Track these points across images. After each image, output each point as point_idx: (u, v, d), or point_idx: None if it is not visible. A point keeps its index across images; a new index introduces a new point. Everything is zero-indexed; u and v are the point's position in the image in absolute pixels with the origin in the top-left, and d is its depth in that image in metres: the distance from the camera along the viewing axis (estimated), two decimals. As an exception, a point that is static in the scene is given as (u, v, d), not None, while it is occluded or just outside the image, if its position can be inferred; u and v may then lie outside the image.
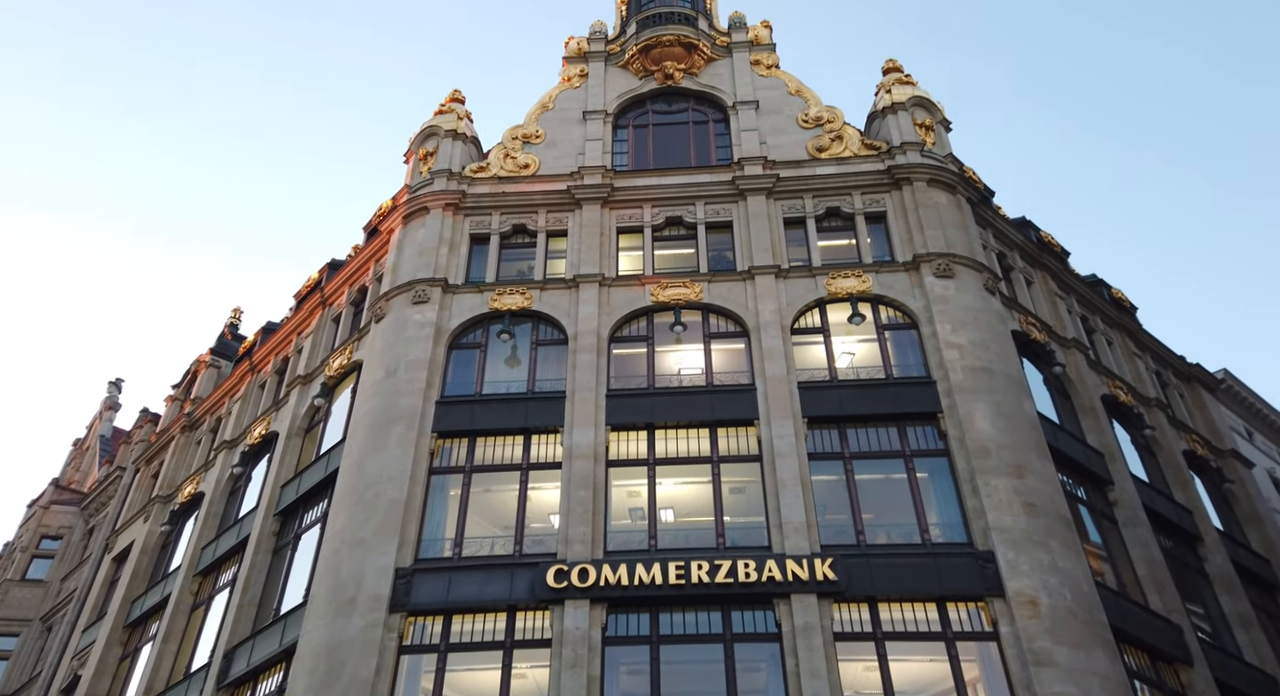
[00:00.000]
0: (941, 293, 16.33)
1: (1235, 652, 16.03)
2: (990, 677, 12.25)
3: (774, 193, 18.38)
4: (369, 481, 14.51)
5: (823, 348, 16.38)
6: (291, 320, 22.14)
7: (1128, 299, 24.46)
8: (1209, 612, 16.67)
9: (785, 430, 14.68)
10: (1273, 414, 26.76)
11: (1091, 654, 12.06)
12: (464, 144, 20.26)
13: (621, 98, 20.92)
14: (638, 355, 16.63)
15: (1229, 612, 16.80)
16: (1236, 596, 17.09)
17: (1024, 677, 11.77)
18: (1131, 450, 18.60)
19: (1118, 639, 13.17)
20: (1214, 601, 16.96)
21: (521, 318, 17.08)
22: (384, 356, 16.45)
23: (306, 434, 18.44)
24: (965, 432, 14.40)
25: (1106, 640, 12.53)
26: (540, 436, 15.23)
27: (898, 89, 19.98)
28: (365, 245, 20.94)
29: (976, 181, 20.66)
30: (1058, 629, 12.13)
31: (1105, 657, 12.18)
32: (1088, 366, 18.72)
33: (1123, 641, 13.37)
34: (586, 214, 18.48)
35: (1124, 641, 13.43)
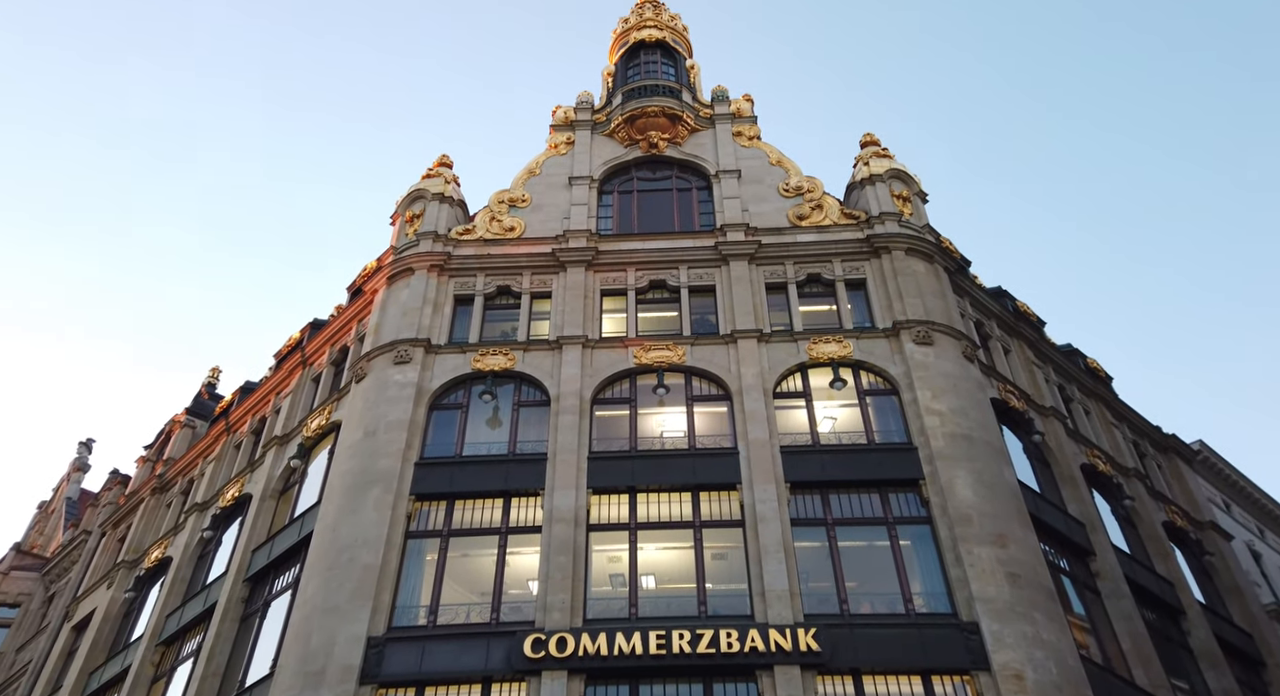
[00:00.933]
0: (921, 359, 16.52)
1: (1223, 731, 15.74)
2: (978, 755, 11.91)
3: (756, 258, 18.70)
4: (343, 545, 14.15)
5: (805, 412, 16.42)
6: (270, 380, 21.92)
7: (1103, 368, 24.85)
8: (1194, 688, 16.43)
9: (768, 495, 14.57)
10: (1249, 486, 26.99)
11: (1080, 731, 11.79)
12: (451, 207, 20.54)
13: (607, 164, 21.40)
14: (620, 417, 16.57)
15: (1214, 688, 16.56)
16: (1221, 671, 16.87)
17: (1012, 755, 11.47)
18: (1111, 520, 18.60)
19: (1105, 715, 12.91)
20: (1199, 676, 16.73)
21: (504, 378, 17.02)
22: (364, 417, 16.27)
23: (281, 496, 18.04)
24: (947, 500, 14.36)
25: (1094, 716, 12.28)
26: (520, 499, 14.99)
27: (875, 161, 20.63)
28: (348, 305, 20.95)
29: (953, 251, 21.16)
30: (1045, 704, 11.88)
31: (1094, 735, 11.91)
32: (1066, 435, 18.87)
33: (1111, 718, 13.10)
34: (571, 276, 18.66)
35: (1112, 718, 13.16)
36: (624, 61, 24.43)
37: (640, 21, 25.32)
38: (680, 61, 24.39)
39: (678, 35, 25.28)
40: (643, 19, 25.39)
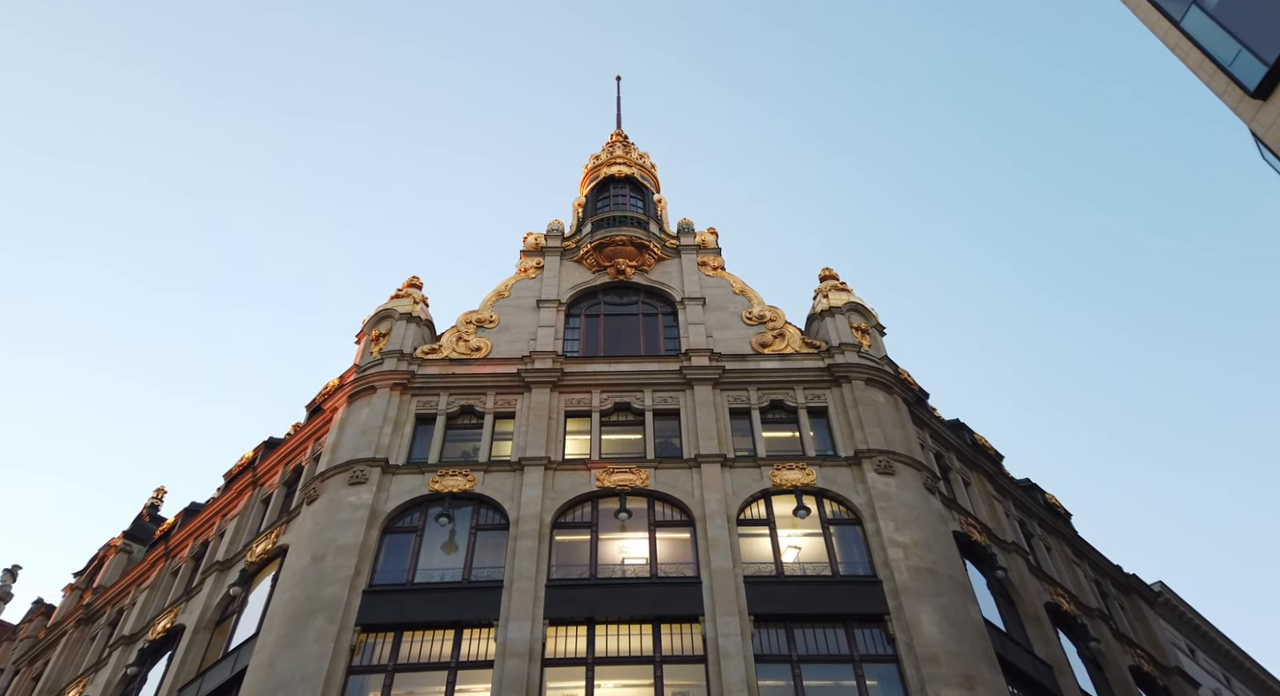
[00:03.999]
0: (883, 489, 16.51)
1: None
2: None
3: (720, 383, 18.92)
4: (279, 683, 13.12)
5: (768, 540, 16.13)
6: (218, 501, 20.99)
7: (1061, 505, 25.02)
8: None
9: (731, 628, 14.03)
10: (1213, 631, 26.74)
11: None
12: (418, 327, 20.65)
13: (575, 289, 21.89)
14: (581, 542, 16.07)
15: None
16: None
17: None
18: (1079, 663, 18.15)
19: None
20: None
21: (463, 501, 16.54)
22: (312, 541, 15.53)
23: (217, 628, 16.81)
24: (913, 637, 13.96)
25: None
26: (473, 631, 14.19)
27: (834, 294, 21.43)
28: (306, 424, 20.48)
29: (911, 383, 21.66)
30: None
31: None
32: (1029, 572, 18.70)
33: None
34: (535, 397, 18.61)
35: None
36: (594, 193, 25.56)
37: (611, 158, 26.74)
38: (648, 195, 25.59)
39: (646, 172, 26.67)
40: (613, 156, 26.83)
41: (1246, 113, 13.23)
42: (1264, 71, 12.11)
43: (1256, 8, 12.25)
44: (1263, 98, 12.62)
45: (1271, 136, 13.17)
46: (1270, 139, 13.23)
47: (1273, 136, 13.11)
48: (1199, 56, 13.53)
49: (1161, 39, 14.34)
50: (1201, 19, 13.06)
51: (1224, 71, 13.05)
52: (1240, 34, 12.33)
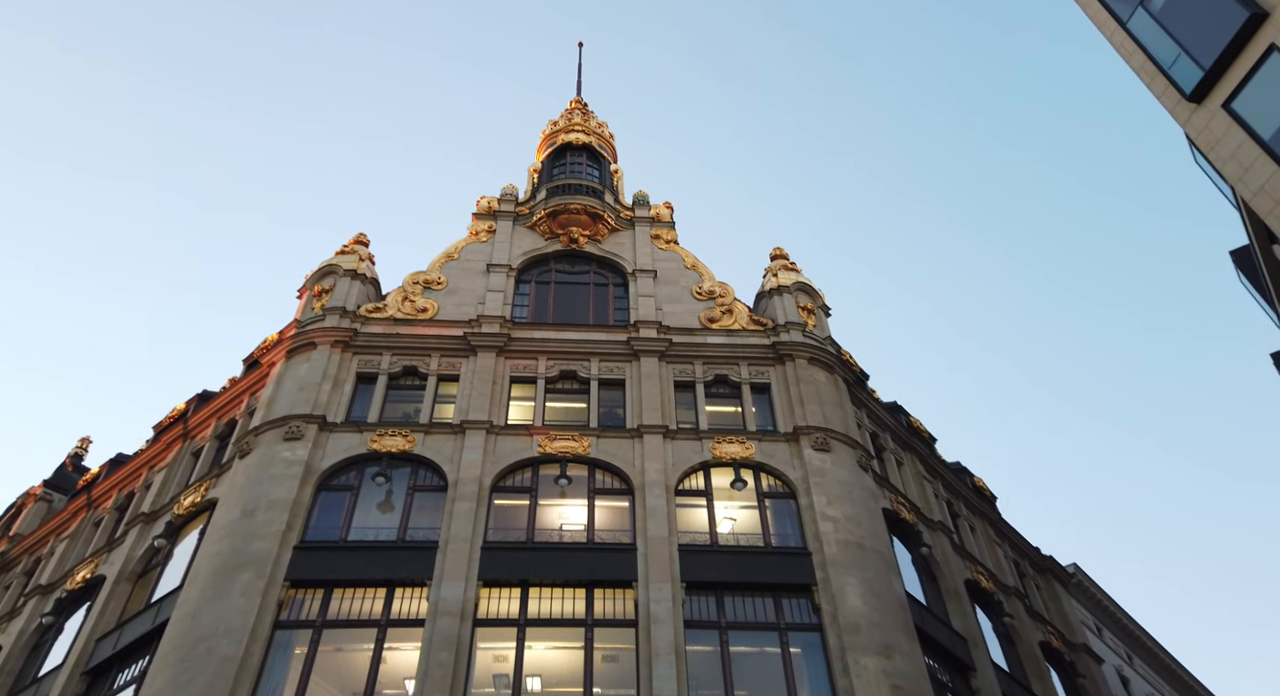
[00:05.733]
0: (819, 465, 16.93)
1: None
2: None
3: (666, 356, 19.07)
4: (202, 634, 12.93)
5: (705, 511, 16.41)
6: (146, 452, 20.45)
7: (989, 488, 25.98)
8: (1068, 812, 16.52)
9: (663, 594, 14.30)
10: (1119, 612, 28.18)
11: None
12: (363, 284, 20.29)
13: (527, 255, 21.73)
14: (519, 507, 16.14)
15: (1087, 813, 16.69)
16: (1092, 796, 17.08)
17: None
18: (992, 637, 18.98)
19: None
20: (1072, 801, 16.86)
21: (401, 461, 16.42)
22: (243, 495, 15.27)
23: (139, 579, 16.46)
24: (838, 608, 14.43)
25: None
26: (405, 590, 14.18)
27: (783, 274, 21.71)
28: (242, 378, 20.03)
29: (853, 364, 22.14)
30: None
31: None
32: (953, 550, 19.43)
33: None
34: (481, 361, 18.50)
35: None
36: (550, 160, 25.30)
37: (569, 125, 26.45)
38: (605, 165, 25.44)
39: (604, 141, 26.47)
40: (571, 123, 26.55)
41: (1182, 115, 13.72)
42: (1200, 76, 12.54)
43: (1197, 12, 12.66)
44: (1197, 101, 13.10)
45: (1204, 140, 13.71)
46: (1202, 142, 13.77)
47: (1205, 140, 13.65)
48: (1142, 58, 13.95)
49: (1109, 38, 14.73)
50: (1146, 21, 13.44)
51: (1164, 73, 13.48)
52: (1180, 37, 12.73)
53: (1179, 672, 29.72)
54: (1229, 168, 13.29)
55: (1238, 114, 12.72)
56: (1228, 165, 13.30)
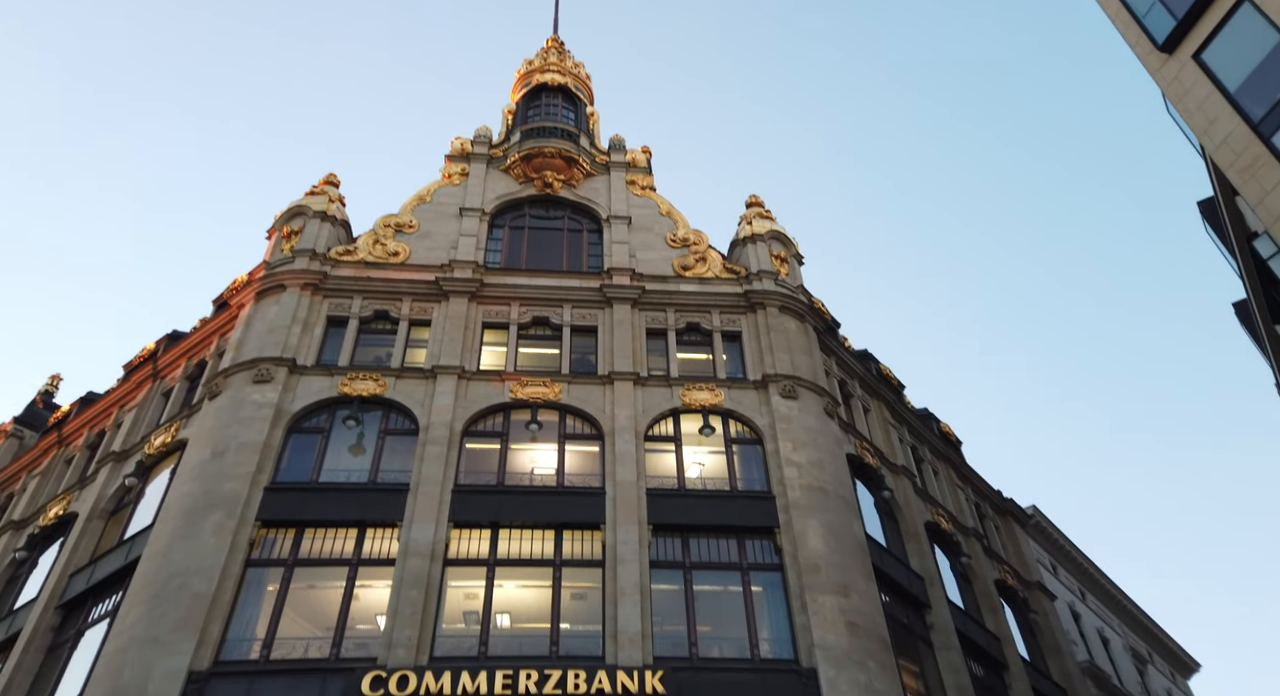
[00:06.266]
0: (786, 412, 17.26)
1: (1033, 779, 16.79)
2: (806, 799, 12.23)
3: (639, 304, 19.16)
4: (174, 572, 13.22)
5: (673, 456, 16.77)
6: (116, 391, 20.46)
7: (954, 433, 26.63)
8: (1012, 738, 17.50)
9: (630, 536, 14.71)
10: (1075, 551, 29.36)
11: (901, 775, 12.33)
12: (333, 226, 20.05)
13: (500, 199, 21.51)
14: (490, 451, 16.40)
15: (1029, 739, 17.70)
16: (1036, 724, 18.07)
17: (837, 799, 11.84)
18: (950, 576, 19.77)
19: (927, 763, 13.57)
20: (1016, 728, 17.85)
21: (372, 405, 16.56)
22: (213, 436, 15.39)
23: (112, 517, 16.69)
24: (798, 549, 14.93)
25: (915, 763, 12.89)
26: (376, 531, 14.49)
27: (758, 222, 21.69)
28: (212, 318, 19.94)
29: (824, 312, 22.36)
30: (871, 749, 12.38)
31: (914, 780, 12.49)
32: (914, 493, 20.03)
33: (930, 764, 13.78)
34: (453, 306, 18.50)
35: (931, 764, 13.84)
36: (525, 101, 24.81)
37: (544, 65, 25.86)
38: (581, 107, 24.99)
39: (580, 82, 25.94)
40: (547, 63, 25.94)
41: (1154, 65, 13.72)
42: (1172, 25, 12.51)
43: (1173, -39, 12.55)
44: (1169, 52, 13.09)
45: (1174, 91, 13.74)
46: (1172, 94, 13.80)
47: (1174, 91, 13.68)
48: (1117, 5, 13.85)
49: (1084, -17, 14.55)
50: (1124, -34, 13.32)
51: (1138, 22, 13.42)
52: (1155, -14, 12.66)
53: (1129, 607, 31.14)
54: (1195, 119, 13.39)
55: (1206, 65, 12.76)
56: (1195, 117, 13.40)
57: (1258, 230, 14.55)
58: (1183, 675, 33.80)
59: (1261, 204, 12.42)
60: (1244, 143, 12.35)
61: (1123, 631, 30.02)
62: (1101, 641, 27.43)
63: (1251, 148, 12.27)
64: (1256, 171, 12.30)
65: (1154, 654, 31.75)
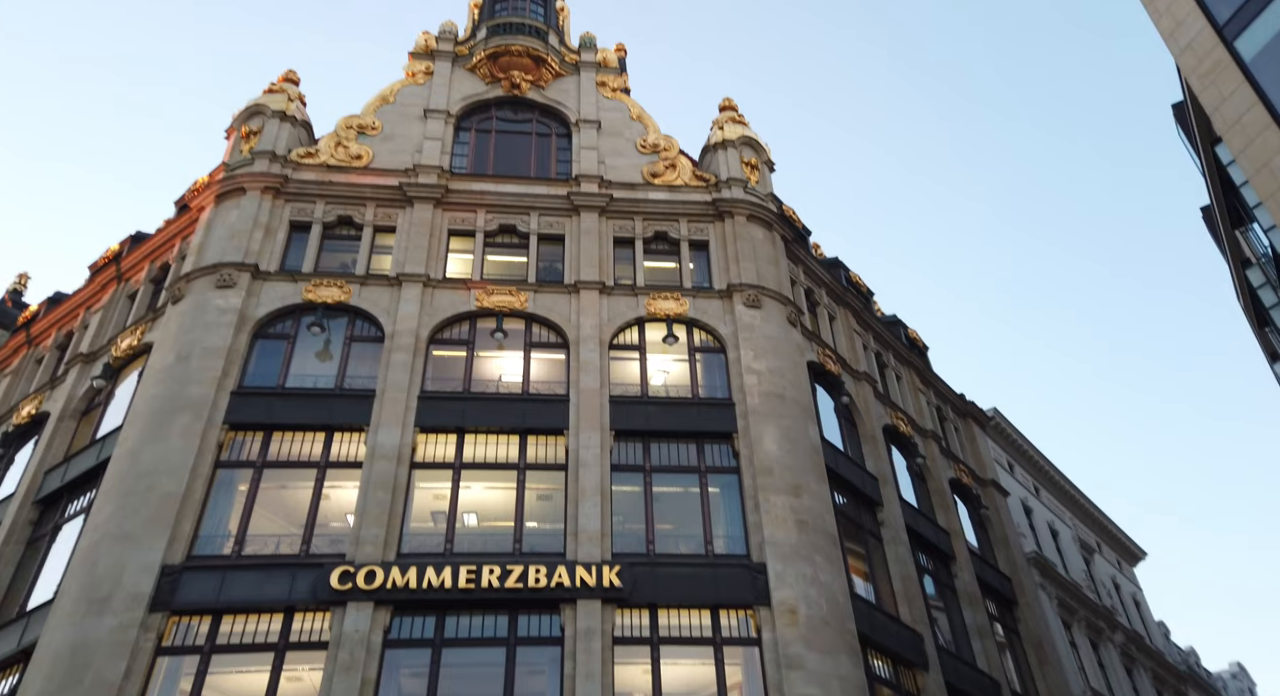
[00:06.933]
0: (749, 321, 17.56)
1: (969, 660, 18.20)
2: (750, 680, 13.32)
3: (607, 212, 19.05)
4: (143, 472, 13.70)
5: (638, 364, 17.14)
6: (82, 292, 20.44)
7: (922, 339, 27.17)
8: (953, 623, 18.84)
9: (592, 441, 15.25)
10: (1032, 450, 30.58)
11: (837, 659, 13.39)
12: (293, 127, 19.54)
13: (466, 101, 20.92)
14: (456, 358, 16.70)
15: (969, 624, 19.06)
16: (977, 610, 19.41)
17: (777, 680, 12.91)
18: (906, 476, 20.71)
19: (865, 645, 14.70)
20: (958, 613, 19.18)
21: (337, 312, 16.69)
22: (177, 340, 15.56)
23: (83, 417, 17.07)
24: (754, 453, 15.56)
25: (853, 647, 13.95)
26: (343, 434, 14.95)
27: (730, 127, 21.28)
28: (175, 220, 19.70)
29: (795, 220, 22.31)
30: (811, 636, 13.39)
31: (849, 662, 13.57)
32: (875, 398, 20.66)
33: (869, 647, 14.92)
34: (418, 212, 18.35)
35: (871, 647, 14.99)
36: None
37: (513, -47, 24.50)
38: (550, 2, 23.93)
39: (550, -28, 24.69)
40: (515, -49, 24.58)
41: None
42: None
43: None
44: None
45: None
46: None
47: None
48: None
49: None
50: None
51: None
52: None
53: (1080, 501, 32.74)
54: (1164, 22, 13.16)
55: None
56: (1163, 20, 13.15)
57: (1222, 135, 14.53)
58: (1129, 562, 35.92)
59: (1218, 111, 12.37)
60: (1207, 47, 12.19)
61: (1073, 524, 31.67)
62: (1051, 533, 28.99)
63: (1214, 53, 12.12)
64: (1216, 77, 12.20)
65: (1102, 544, 33.61)
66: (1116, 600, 31.17)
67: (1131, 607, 32.39)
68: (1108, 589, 30.87)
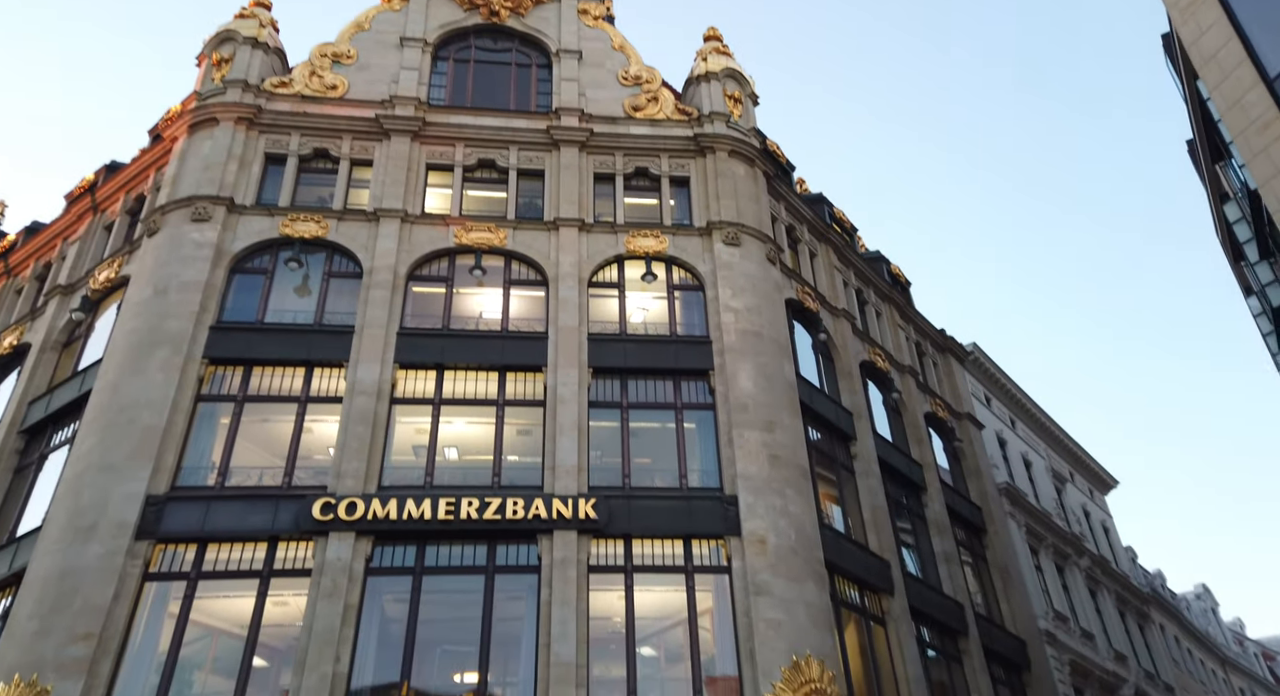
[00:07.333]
0: (727, 259, 17.61)
1: (935, 585, 19.02)
2: (720, 605, 13.97)
3: (587, 146, 18.81)
4: (124, 405, 13.92)
5: (616, 302, 17.27)
6: (59, 222, 20.31)
7: (904, 275, 27.29)
8: (921, 551, 19.61)
9: (570, 378, 15.51)
10: (1010, 383, 31.12)
11: (804, 586, 14.03)
12: (265, 54, 19.03)
13: (444, 28, 20.34)
14: (435, 295, 16.78)
15: (937, 551, 19.83)
16: (945, 537, 20.17)
17: (745, 605, 13.55)
18: (881, 410, 21.16)
19: (833, 572, 15.36)
20: (927, 541, 19.94)
21: (315, 247, 16.66)
22: (154, 274, 15.56)
23: (64, 348, 17.22)
24: (730, 389, 15.88)
25: (819, 574, 14.58)
26: (323, 370, 15.15)
27: (714, 58, 20.81)
28: (149, 150, 19.40)
29: (779, 155, 22.09)
30: (778, 564, 13.98)
31: (815, 589, 14.21)
32: (853, 334, 20.91)
33: (837, 574, 15.59)
34: (395, 146, 18.10)
35: (838, 574, 15.65)
36: (470, -90, 22.68)
37: None
38: (530, -78, 22.93)
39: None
40: None
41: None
42: None
43: None
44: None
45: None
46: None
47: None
48: None
49: None
50: None
51: None
52: None
53: (1055, 432, 33.51)
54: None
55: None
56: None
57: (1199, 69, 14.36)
58: (1101, 491, 37.00)
59: (1196, 44, 12.22)
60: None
61: (1047, 454, 32.50)
62: (1024, 464, 29.79)
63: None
64: (1196, 10, 12.01)
65: (1075, 473, 34.57)
66: (1086, 527, 32.28)
67: (1100, 534, 33.55)
68: (1077, 516, 31.93)
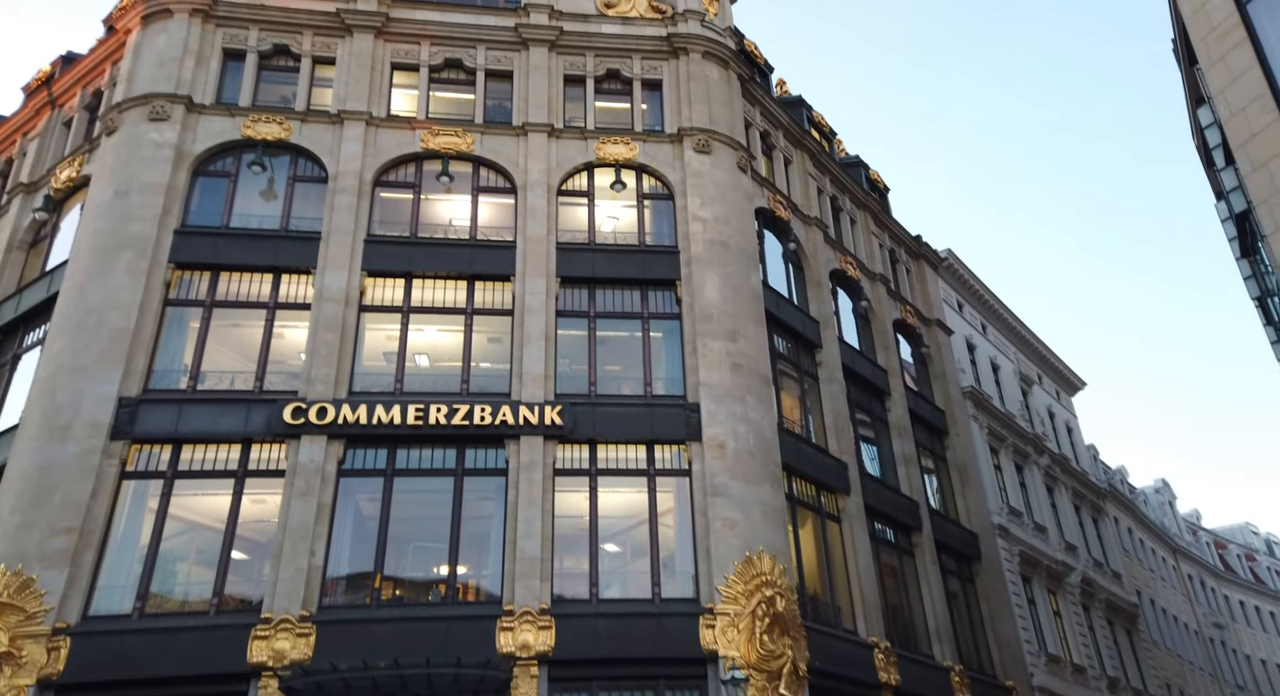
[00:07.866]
0: (698, 167, 17.46)
1: (893, 485, 19.96)
2: (680, 506, 14.74)
3: (557, 46, 18.22)
4: (91, 308, 14.02)
5: (586, 211, 17.21)
6: (17, 116, 19.75)
7: (883, 181, 27.07)
8: (881, 453, 20.46)
9: (538, 288, 15.67)
10: (982, 289, 31.47)
11: (759, 487, 14.77)
12: (218, -60, 17.98)
13: (406, -87, 19.15)
14: (403, 201, 16.67)
15: (897, 453, 20.69)
16: (905, 440, 20.98)
17: (703, 505, 14.31)
18: (850, 317, 21.53)
19: (791, 474, 16.12)
20: (888, 444, 20.76)
21: (278, 149, 16.37)
22: (114, 175, 15.33)
23: (32, 247, 17.15)
24: (695, 299, 16.12)
25: (775, 476, 15.31)
26: (291, 276, 15.23)
27: (690, -50, 19.81)
28: (105, 41, 18.64)
29: (757, 56, 21.45)
30: (736, 467, 14.67)
31: (770, 489, 14.97)
32: (824, 242, 20.98)
33: (795, 476, 16.37)
34: (358, 43, 17.48)
35: (796, 476, 16.44)
36: None
37: None
38: None
39: None
40: None
41: None
42: None
43: None
44: None
45: None
46: None
47: None
48: None
49: None
50: None
51: None
52: None
53: (1025, 335, 34.16)
54: None
55: None
56: None
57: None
58: (1068, 392, 38.05)
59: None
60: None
61: (1016, 358, 33.25)
62: (992, 368, 30.52)
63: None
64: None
65: (1043, 376, 35.46)
66: (1049, 427, 33.40)
67: (1064, 434, 34.77)
68: (1041, 417, 32.98)
